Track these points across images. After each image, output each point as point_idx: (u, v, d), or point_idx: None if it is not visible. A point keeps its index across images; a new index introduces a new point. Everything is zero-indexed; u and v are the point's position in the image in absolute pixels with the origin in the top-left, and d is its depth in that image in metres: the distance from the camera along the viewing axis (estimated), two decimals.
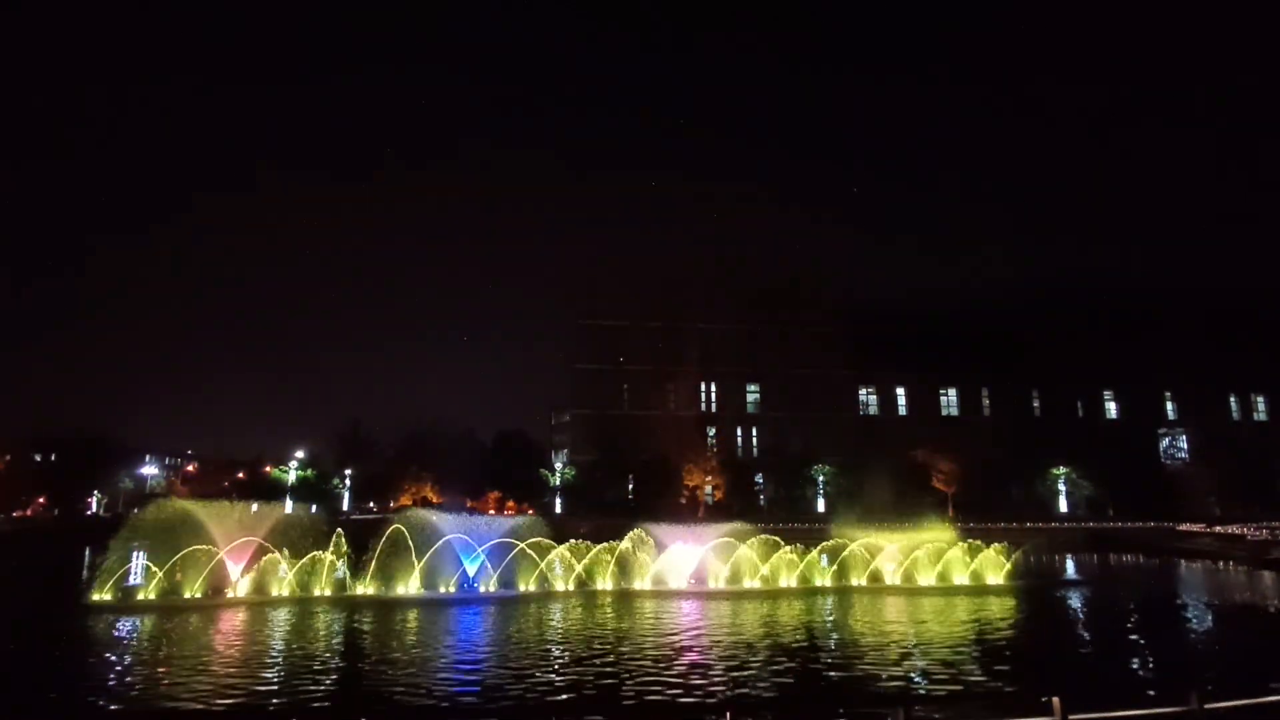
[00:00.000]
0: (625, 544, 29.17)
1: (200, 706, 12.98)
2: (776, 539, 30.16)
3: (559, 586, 27.53)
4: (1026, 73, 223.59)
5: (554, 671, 15.74)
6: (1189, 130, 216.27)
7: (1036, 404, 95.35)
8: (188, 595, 24.79)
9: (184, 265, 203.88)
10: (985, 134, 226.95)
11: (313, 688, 14.30)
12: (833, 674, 15.62)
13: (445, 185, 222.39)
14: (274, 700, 13.62)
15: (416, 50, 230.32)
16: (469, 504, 77.58)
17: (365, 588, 26.22)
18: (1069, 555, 47.78)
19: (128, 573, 26.56)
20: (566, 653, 17.54)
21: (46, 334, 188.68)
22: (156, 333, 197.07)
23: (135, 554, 27.60)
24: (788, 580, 28.39)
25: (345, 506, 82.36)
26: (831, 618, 22.73)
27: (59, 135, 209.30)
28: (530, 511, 79.58)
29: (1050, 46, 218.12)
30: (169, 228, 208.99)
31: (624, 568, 28.58)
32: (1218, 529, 50.17)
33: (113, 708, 13.37)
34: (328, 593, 25.84)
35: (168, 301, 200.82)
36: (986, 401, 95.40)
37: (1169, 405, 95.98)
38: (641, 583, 27.87)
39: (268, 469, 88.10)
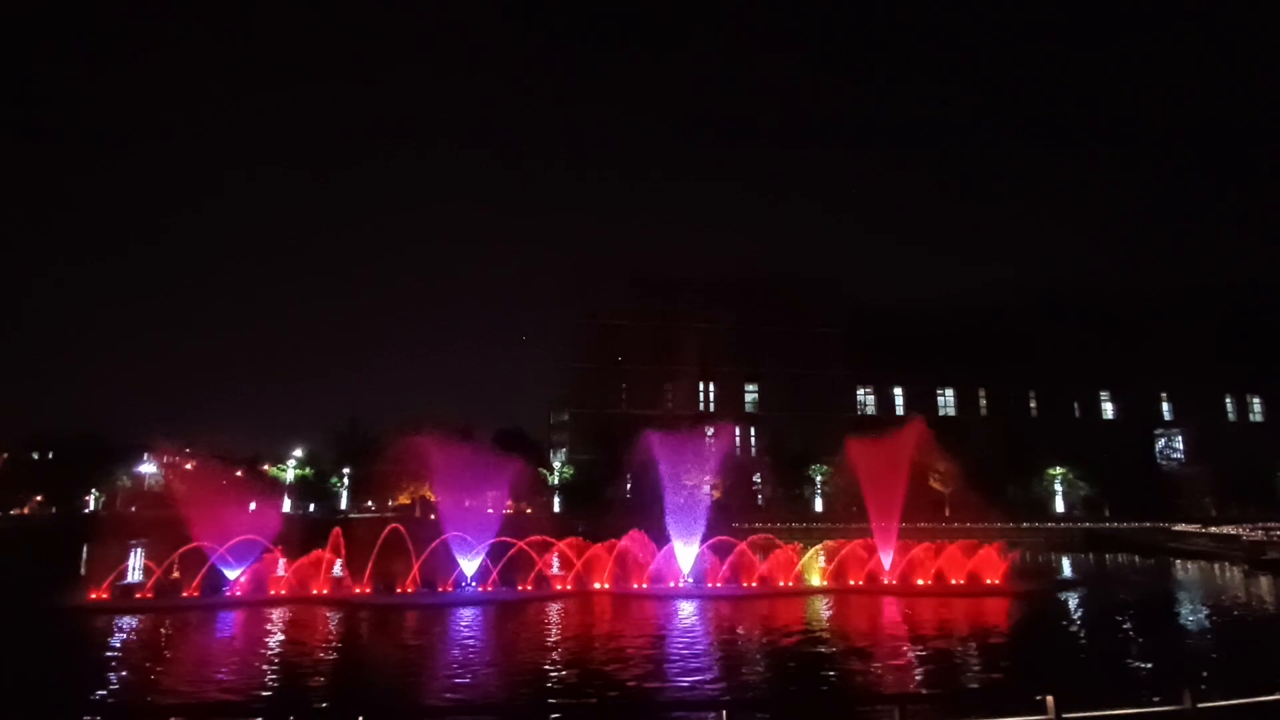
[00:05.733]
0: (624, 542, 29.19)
1: (198, 706, 13.01)
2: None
3: (557, 586, 27.54)
4: (1026, 73, 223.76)
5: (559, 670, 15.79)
6: (1186, 130, 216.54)
7: (1033, 404, 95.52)
8: (185, 594, 24.77)
9: (183, 264, 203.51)
10: (984, 134, 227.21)
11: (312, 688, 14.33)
12: (831, 673, 15.69)
13: (446, 185, 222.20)
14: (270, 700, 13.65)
15: (416, 49, 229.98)
16: (467, 503, 77.35)
17: (363, 587, 26.22)
18: (1065, 555, 47.92)
19: (125, 570, 26.55)
20: (572, 652, 17.59)
21: (46, 332, 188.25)
22: (156, 331, 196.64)
23: (133, 551, 27.59)
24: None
25: (343, 505, 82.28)
26: (829, 618, 22.79)
27: (60, 135, 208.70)
28: (529, 510, 79.54)
29: (1050, 46, 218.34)
30: (168, 228, 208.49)
31: (623, 566, 28.59)
32: (1213, 529, 50.24)
33: (109, 707, 13.38)
34: (325, 592, 25.84)
35: (167, 300, 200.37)
36: (984, 402, 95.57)
37: (1165, 406, 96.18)
38: (640, 584, 27.90)
39: (266, 467, 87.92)
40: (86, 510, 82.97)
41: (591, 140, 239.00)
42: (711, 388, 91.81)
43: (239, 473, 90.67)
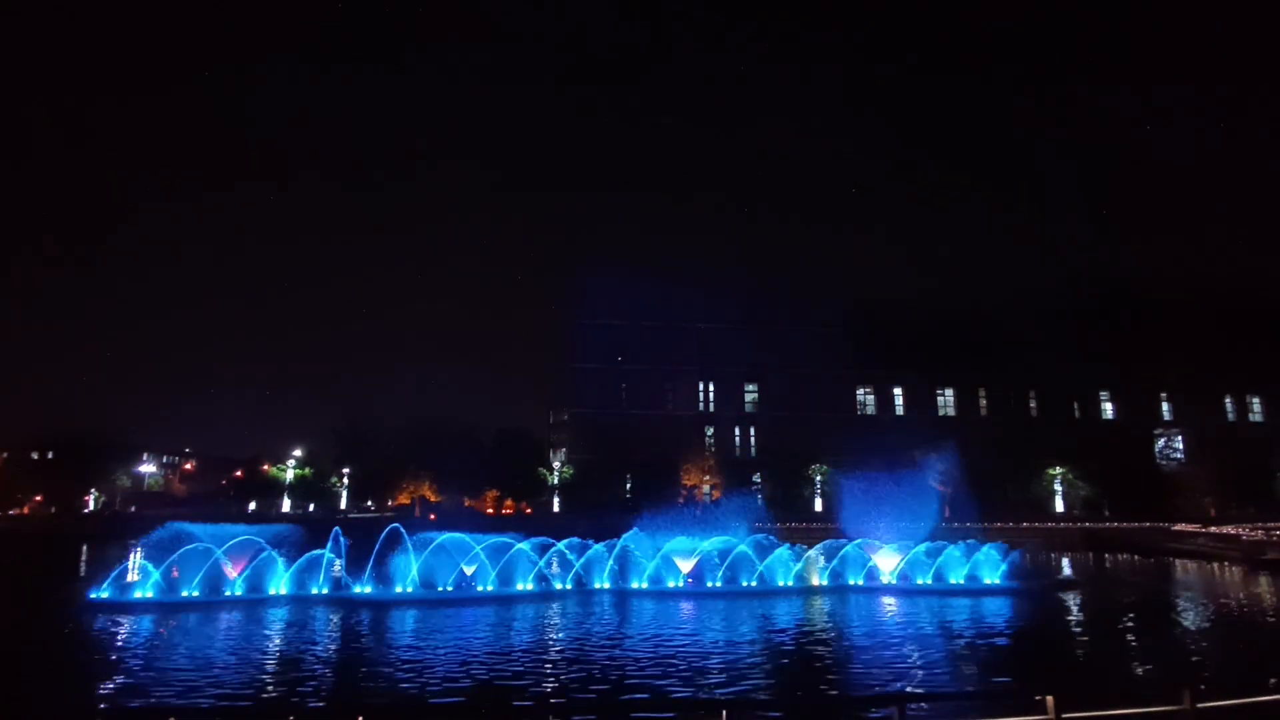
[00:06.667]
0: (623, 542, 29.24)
1: (198, 706, 13.01)
2: None
3: (556, 585, 27.57)
4: (1024, 70, 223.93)
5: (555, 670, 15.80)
6: (1185, 129, 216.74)
7: (1033, 404, 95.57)
8: (185, 594, 24.76)
9: (183, 263, 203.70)
10: (984, 133, 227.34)
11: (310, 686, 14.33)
12: (830, 673, 15.69)
13: (445, 183, 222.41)
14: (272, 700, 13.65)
15: (416, 49, 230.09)
16: (467, 502, 77.62)
17: (363, 587, 26.23)
18: (1065, 555, 47.98)
19: (125, 570, 26.53)
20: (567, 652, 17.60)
21: (45, 332, 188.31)
22: (155, 330, 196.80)
23: (133, 551, 27.58)
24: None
25: (343, 505, 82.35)
26: (829, 618, 22.80)
27: (64, 132, 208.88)
28: (529, 510, 79.60)
29: (1048, 44, 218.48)
30: (168, 227, 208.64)
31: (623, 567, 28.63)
32: (1213, 530, 50.29)
33: (109, 707, 13.37)
34: (325, 592, 25.85)
35: (167, 299, 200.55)
36: (983, 402, 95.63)
37: (1165, 406, 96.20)
38: (640, 583, 27.93)
39: (265, 467, 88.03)
40: (86, 510, 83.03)
41: (591, 139, 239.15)
42: (711, 388, 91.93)
43: (238, 472, 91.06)
